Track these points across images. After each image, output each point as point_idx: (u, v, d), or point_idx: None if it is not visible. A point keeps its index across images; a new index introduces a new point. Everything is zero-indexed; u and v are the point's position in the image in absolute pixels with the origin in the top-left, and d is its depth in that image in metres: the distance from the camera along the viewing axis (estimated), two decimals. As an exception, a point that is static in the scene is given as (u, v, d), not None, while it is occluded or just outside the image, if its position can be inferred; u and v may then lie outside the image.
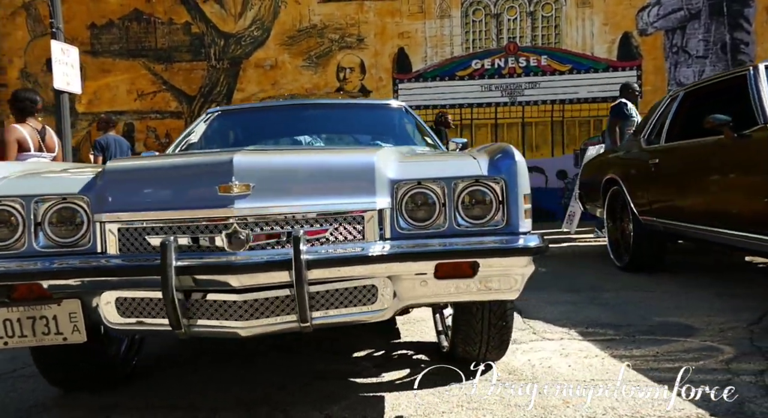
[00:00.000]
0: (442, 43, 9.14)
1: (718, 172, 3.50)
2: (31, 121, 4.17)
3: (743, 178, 3.29)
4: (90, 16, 9.59)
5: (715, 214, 3.55)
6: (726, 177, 3.43)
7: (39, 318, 1.72)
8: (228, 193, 1.64)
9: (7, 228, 1.73)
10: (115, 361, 2.39)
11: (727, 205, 3.44)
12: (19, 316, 1.70)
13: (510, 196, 1.83)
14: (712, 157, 3.58)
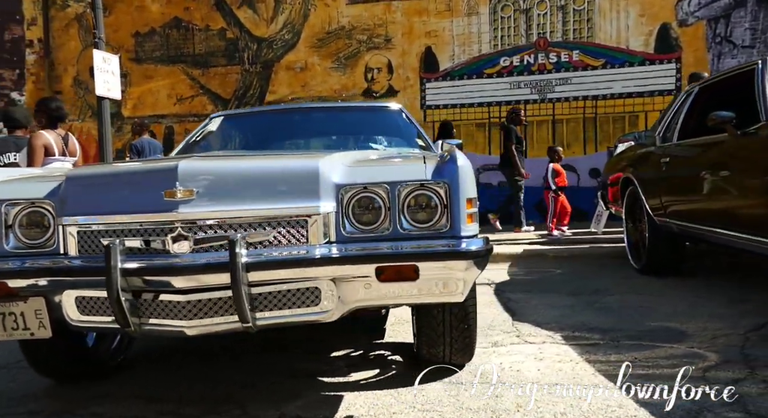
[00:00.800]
0: (470, 41, 9.10)
1: (721, 171, 3.39)
2: (57, 128, 4.41)
3: (745, 177, 3.18)
4: (134, 25, 9.98)
5: (719, 215, 3.44)
6: (729, 177, 3.32)
7: (8, 314, 1.85)
8: (172, 198, 1.73)
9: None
10: (104, 355, 2.54)
11: (729, 206, 3.33)
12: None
13: (452, 201, 1.86)
14: (716, 156, 3.48)
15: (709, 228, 3.55)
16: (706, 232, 3.63)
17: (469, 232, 1.88)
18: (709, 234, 3.59)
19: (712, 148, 3.52)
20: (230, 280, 1.67)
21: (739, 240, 3.25)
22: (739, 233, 3.16)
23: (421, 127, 3.63)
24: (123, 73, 10.00)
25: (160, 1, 9.85)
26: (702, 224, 3.65)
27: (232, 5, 9.61)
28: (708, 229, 3.56)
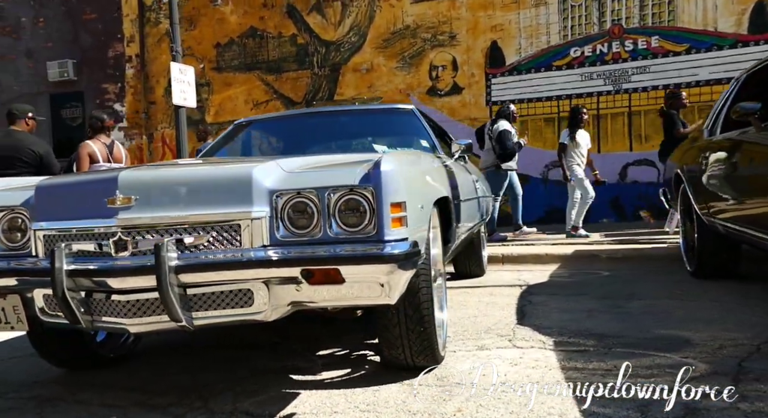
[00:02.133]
0: (538, 32, 8.83)
1: (747, 168, 3.12)
2: (102, 136, 4.82)
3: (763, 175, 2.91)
4: (215, 37, 10.58)
5: (748, 214, 3.17)
6: (754, 174, 3.05)
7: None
8: (113, 205, 1.89)
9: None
10: (110, 349, 2.78)
11: (754, 205, 3.05)
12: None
13: (377, 205, 1.88)
14: (744, 151, 3.20)
15: (741, 228, 3.27)
16: (742, 232, 3.35)
17: (394, 236, 1.88)
18: (745, 235, 3.31)
19: (742, 144, 3.25)
20: (156, 282, 1.79)
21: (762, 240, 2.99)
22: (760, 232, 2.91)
23: (430, 128, 3.59)
24: (206, 82, 10.68)
25: (238, 13, 10.37)
26: (736, 223, 3.37)
27: (302, 12, 9.94)
28: (741, 229, 3.29)
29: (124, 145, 11.49)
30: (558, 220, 8.93)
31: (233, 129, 3.87)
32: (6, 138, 4.69)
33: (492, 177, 6.88)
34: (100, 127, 4.91)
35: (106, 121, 5.03)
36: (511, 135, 6.92)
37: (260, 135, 3.83)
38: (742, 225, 3.25)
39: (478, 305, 3.69)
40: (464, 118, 9.20)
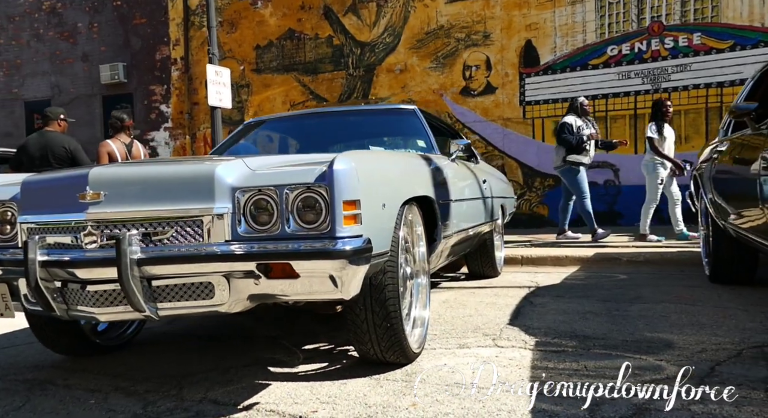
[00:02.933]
0: (574, 31, 8.68)
1: (741, 169, 3.01)
2: (122, 136, 5.06)
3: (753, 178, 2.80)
4: (255, 39, 10.85)
5: (745, 219, 3.05)
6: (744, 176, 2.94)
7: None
8: (84, 200, 2.00)
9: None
10: (110, 337, 2.93)
11: (748, 209, 2.94)
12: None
13: (330, 203, 1.93)
14: (740, 153, 3.09)
15: (743, 232, 3.16)
16: (745, 236, 3.23)
17: (346, 232, 1.93)
18: (749, 239, 3.20)
19: (739, 144, 3.14)
20: (117, 273, 1.90)
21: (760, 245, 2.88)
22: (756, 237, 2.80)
23: (430, 128, 3.60)
24: (246, 83, 10.95)
25: (277, 15, 10.59)
26: (739, 227, 3.26)
27: (338, 13, 10.07)
28: (743, 233, 3.18)
29: (168, 144, 11.93)
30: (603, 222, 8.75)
31: (243, 128, 3.99)
32: (40, 138, 5.04)
33: (566, 175, 6.62)
34: (120, 127, 5.15)
35: (126, 121, 5.27)
36: (572, 128, 6.50)
37: (268, 134, 3.94)
38: (743, 229, 3.14)
39: (477, 306, 3.69)
40: (497, 119, 9.12)
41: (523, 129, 9.04)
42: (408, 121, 3.63)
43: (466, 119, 9.23)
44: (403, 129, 3.62)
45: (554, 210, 8.85)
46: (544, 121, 8.94)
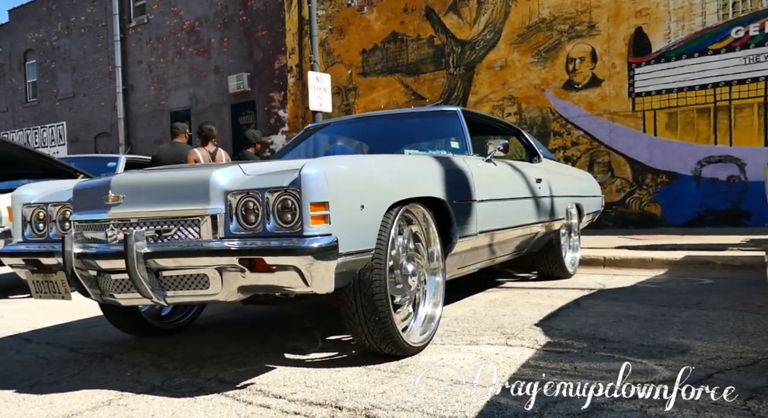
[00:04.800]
0: (691, 13, 8.05)
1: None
2: (208, 145, 5.60)
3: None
4: (361, 44, 11.28)
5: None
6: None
7: (50, 282, 2.70)
8: (107, 202, 2.36)
9: (43, 223, 2.76)
10: (172, 320, 3.35)
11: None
12: (40, 279, 2.70)
13: (300, 205, 2.12)
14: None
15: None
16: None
17: (314, 232, 2.10)
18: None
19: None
20: (125, 264, 2.22)
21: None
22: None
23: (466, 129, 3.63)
24: (353, 86, 11.41)
25: (381, 19, 10.92)
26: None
27: (439, 13, 10.18)
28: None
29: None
30: (711, 222, 8.11)
31: (304, 133, 4.29)
32: (171, 148, 6.05)
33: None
34: (207, 137, 5.73)
35: (213, 131, 5.86)
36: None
37: (325, 137, 4.20)
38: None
39: (520, 306, 3.67)
40: (603, 113, 8.73)
41: (633, 122, 8.57)
42: (448, 123, 3.69)
43: (569, 114, 8.93)
44: (444, 130, 3.69)
45: (668, 209, 8.33)
46: (656, 114, 8.41)
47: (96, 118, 17.27)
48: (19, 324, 3.84)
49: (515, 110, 9.39)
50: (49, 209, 2.69)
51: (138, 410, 2.11)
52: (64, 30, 18.16)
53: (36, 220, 2.74)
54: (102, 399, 2.24)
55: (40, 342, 3.31)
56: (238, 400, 2.16)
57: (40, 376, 2.62)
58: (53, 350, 3.12)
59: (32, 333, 3.57)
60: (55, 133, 18.65)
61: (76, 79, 17.79)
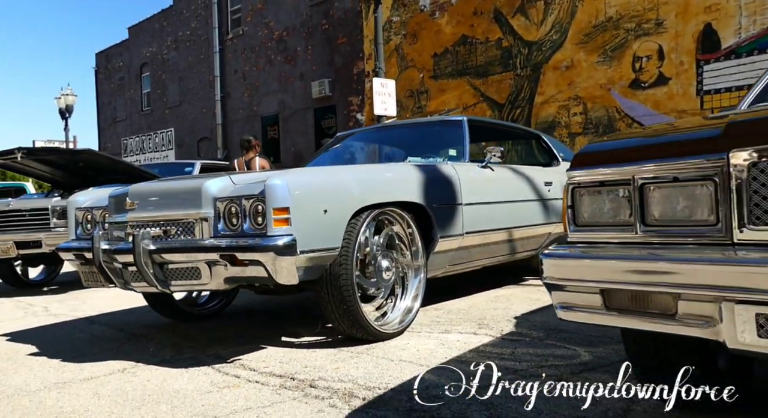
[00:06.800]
0: (763, 7, 7.67)
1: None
2: (248, 154, 6.18)
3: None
4: (433, 48, 11.57)
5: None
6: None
7: (93, 272, 3.28)
8: (126, 207, 2.90)
9: (90, 224, 3.37)
10: (206, 307, 3.89)
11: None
12: (86, 270, 3.30)
13: (265, 210, 2.53)
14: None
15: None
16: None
17: (276, 232, 2.51)
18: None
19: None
20: (134, 259, 2.73)
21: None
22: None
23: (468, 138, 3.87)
24: (425, 90, 11.73)
25: (452, 23, 11.15)
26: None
27: (507, 15, 10.26)
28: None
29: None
30: None
31: (334, 140, 4.72)
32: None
33: None
34: (247, 147, 6.34)
35: (251, 142, 6.44)
36: None
37: (351, 144, 4.60)
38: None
39: (519, 301, 3.88)
40: (671, 111, 8.48)
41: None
42: (453, 132, 3.96)
43: (635, 113, 8.75)
44: (448, 139, 3.96)
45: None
46: (731, 111, 8.06)
47: (198, 124, 18.73)
48: (93, 309, 4.56)
49: (581, 110, 9.32)
50: (93, 212, 3.29)
51: (140, 376, 2.61)
52: (173, 44, 19.81)
53: (85, 221, 3.35)
54: (119, 367, 2.77)
55: (101, 323, 3.96)
56: (219, 371, 2.62)
57: (85, 349, 3.21)
58: (107, 329, 3.75)
59: (99, 316, 4.24)
60: (165, 138, 20.38)
61: (182, 89, 19.37)
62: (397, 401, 2.10)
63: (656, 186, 1.29)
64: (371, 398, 2.14)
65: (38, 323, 4.06)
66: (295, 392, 2.26)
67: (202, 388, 2.37)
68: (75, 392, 2.39)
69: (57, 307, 4.68)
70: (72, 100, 18.82)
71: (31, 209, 5.34)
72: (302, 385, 2.34)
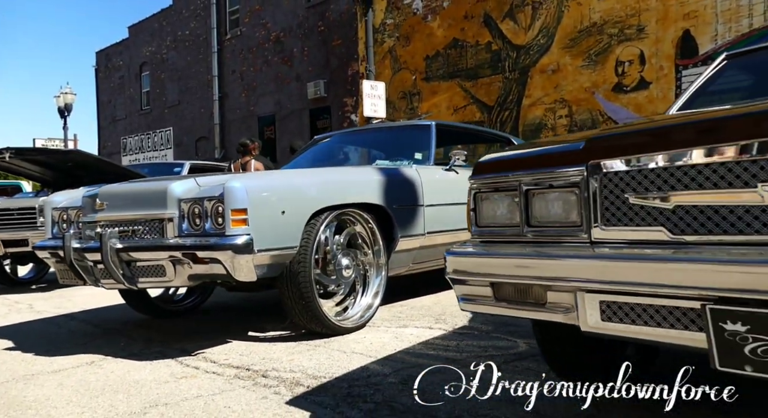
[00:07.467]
0: (738, 15, 7.83)
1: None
2: (245, 157, 6.33)
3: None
4: (425, 50, 11.72)
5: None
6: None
7: (66, 270, 3.44)
8: (97, 207, 3.05)
9: (66, 223, 3.52)
10: (182, 304, 4.04)
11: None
12: (62, 268, 3.44)
13: (223, 211, 2.68)
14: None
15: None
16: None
17: (234, 232, 2.67)
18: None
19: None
20: (101, 257, 2.88)
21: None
22: None
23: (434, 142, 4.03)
24: (417, 91, 11.88)
25: (443, 26, 11.31)
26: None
27: (496, 19, 10.41)
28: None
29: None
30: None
31: (311, 142, 4.87)
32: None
33: None
34: (244, 151, 6.49)
35: (248, 146, 6.60)
36: None
37: (327, 146, 4.75)
38: None
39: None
40: (651, 115, 8.61)
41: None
42: (421, 136, 4.11)
43: (618, 116, 8.89)
44: (417, 143, 4.11)
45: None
46: (713, 115, 8.20)
47: (196, 123, 18.90)
48: (76, 306, 4.71)
49: (566, 113, 9.46)
50: (69, 212, 3.44)
51: (106, 368, 2.76)
52: (172, 44, 19.99)
53: (61, 220, 3.50)
54: (87, 360, 2.92)
55: (80, 320, 4.11)
56: (181, 363, 2.77)
57: (59, 343, 3.36)
58: (84, 325, 3.90)
59: (80, 313, 4.40)
60: (164, 137, 20.57)
61: (181, 89, 19.55)
62: (337, 388, 2.25)
63: (537, 192, 1.46)
64: (314, 385, 2.30)
65: (20, 319, 4.22)
66: (247, 381, 2.42)
67: (160, 378, 2.52)
68: (40, 383, 2.54)
69: (41, 304, 4.84)
70: (71, 99, 18.96)
71: (19, 209, 5.50)
72: (255, 375, 2.50)
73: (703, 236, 1.18)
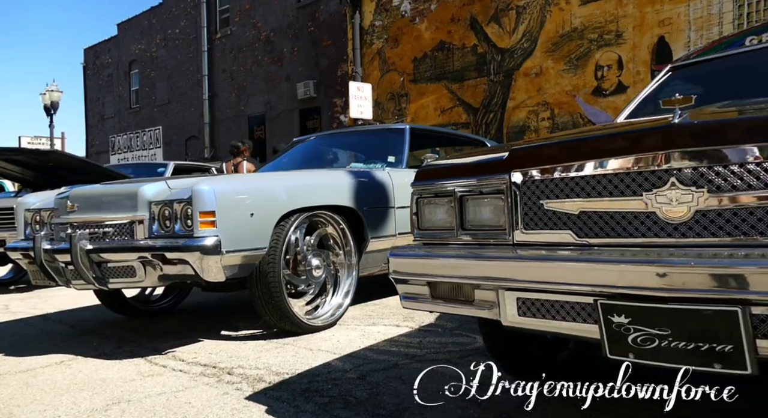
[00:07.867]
0: (709, 23, 7.98)
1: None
2: (237, 159, 6.45)
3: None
4: (413, 52, 11.81)
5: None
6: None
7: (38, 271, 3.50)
8: (68, 209, 3.12)
9: (39, 224, 3.58)
10: (159, 304, 4.10)
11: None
12: (34, 269, 3.49)
13: (192, 213, 2.76)
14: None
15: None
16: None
17: (202, 234, 2.74)
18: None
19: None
20: (71, 258, 2.95)
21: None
22: None
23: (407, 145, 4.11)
24: (404, 93, 11.97)
25: (431, 29, 11.40)
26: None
27: (482, 23, 10.52)
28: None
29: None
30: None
31: (291, 144, 4.96)
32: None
33: None
34: (235, 153, 6.60)
35: (241, 147, 6.70)
36: None
37: (305, 148, 4.83)
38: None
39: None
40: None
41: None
42: (394, 139, 4.19)
43: (597, 119, 9.01)
44: (390, 146, 4.19)
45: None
46: (691, 119, 8.34)
47: (186, 122, 18.91)
48: (54, 306, 4.74)
49: (549, 115, 9.58)
50: (41, 213, 3.50)
51: (74, 367, 2.82)
52: (162, 42, 19.98)
53: (34, 222, 3.56)
54: (57, 360, 2.98)
55: (54, 320, 4.15)
56: (149, 361, 2.84)
57: (32, 344, 3.41)
58: (58, 325, 3.95)
59: (56, 313, 4.43)
60: (153, 136, 20.55)
61: (171, 87, 19.55)
62: (297, 383, 2.34)
63: (469, 198, 1.56)
64: (276, 381, 2.38)
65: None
66: (211, 378, 2.50)
67: (127, 376, 2.60)
68: (6, 383, 2.60)
69: (17, 305, 4.88)
70: (57, 97, 18.89)
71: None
72: (220, 372, 2.58)
73: (603, 238, 1.30)
